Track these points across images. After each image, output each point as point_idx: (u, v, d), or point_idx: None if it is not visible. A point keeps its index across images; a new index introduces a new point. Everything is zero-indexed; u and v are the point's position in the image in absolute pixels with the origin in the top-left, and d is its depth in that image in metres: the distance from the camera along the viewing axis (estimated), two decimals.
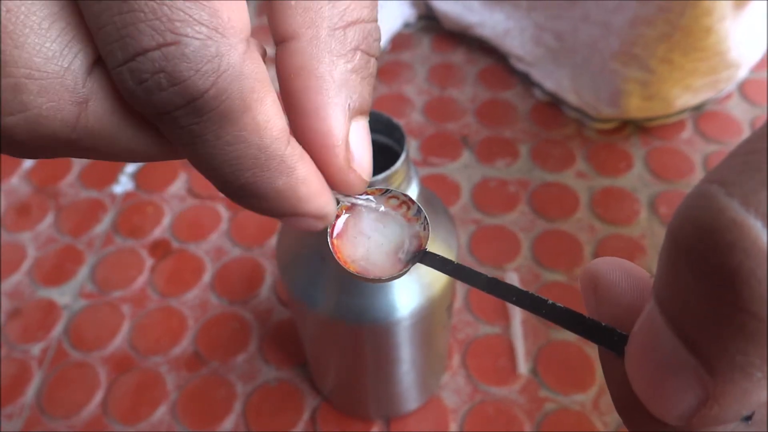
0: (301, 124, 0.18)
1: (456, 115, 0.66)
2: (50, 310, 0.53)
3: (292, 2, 0.17)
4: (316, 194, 0.19)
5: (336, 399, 0.46)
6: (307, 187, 0.18)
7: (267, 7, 0.18)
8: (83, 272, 0.55)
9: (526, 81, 0.68)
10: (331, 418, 0.46)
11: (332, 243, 0.21)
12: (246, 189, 0.18)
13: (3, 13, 0.15)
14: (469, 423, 0.46)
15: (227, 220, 0.58)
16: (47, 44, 0.15)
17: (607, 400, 0.46)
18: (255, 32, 0.18)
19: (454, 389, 0.47)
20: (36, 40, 0.15)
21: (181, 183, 0.61)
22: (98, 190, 0.62)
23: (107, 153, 0.17)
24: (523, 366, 0.48)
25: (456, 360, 0.49)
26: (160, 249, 0.57)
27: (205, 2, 0.14)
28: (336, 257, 0.21)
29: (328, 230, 0.21)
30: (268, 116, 0.16)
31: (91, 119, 0.16)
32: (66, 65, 0.15)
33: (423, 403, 0.46)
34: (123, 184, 0.62)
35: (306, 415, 0.47)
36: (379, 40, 0.19)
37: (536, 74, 0.66)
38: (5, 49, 0.15)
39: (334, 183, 0.19)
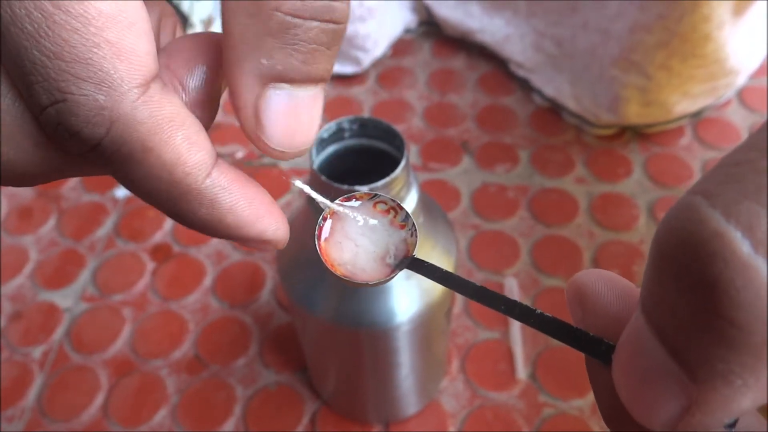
0: (226, 79, 0.18)
1: (456, 120, 0.66)
2: (52, 313, 0.53)
3: None
4: (250, 221, 0.19)
5: (335, 403, 0.47)
6: (235, 216, 0.18)
7: None
8: (85, 276, 0.56)
9: (526, 87, 0.68)
10: (331, 423, 0.47)
11: (320, 246, 0.21)
12: (175, 218, 0.18)
13: None
14: (468, 428, 0.46)
15: None
16: (5, 95, 0.16)
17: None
18: None
19: (453, 394, 0.48)
20: None
21: None
22: (100, 194, 0.62)
23: (73, 174, 0.19)
24: (521, 371, 0.48)
25: (455, 365, 0.49)
26: (161, 253, 0.57)
27: (87, 62, 0.15)
28: (323, 260, 0.21)
29: (316, 233, 0.21)
30: (177, 153, 0.17)
31: (51, 155, 0.18)
32: (20, 114, 0.17)
33: (422, 407, 0.47)
34: (124, 188, 0.62)
35: (305, 419, 0.47)
36: (323, 3, 0.17)
37: (536, 80, 0.66)
38: None
39: (252, 142, 0.19)
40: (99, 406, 0.48)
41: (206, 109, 0.19)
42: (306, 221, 0.34)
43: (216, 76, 0.19)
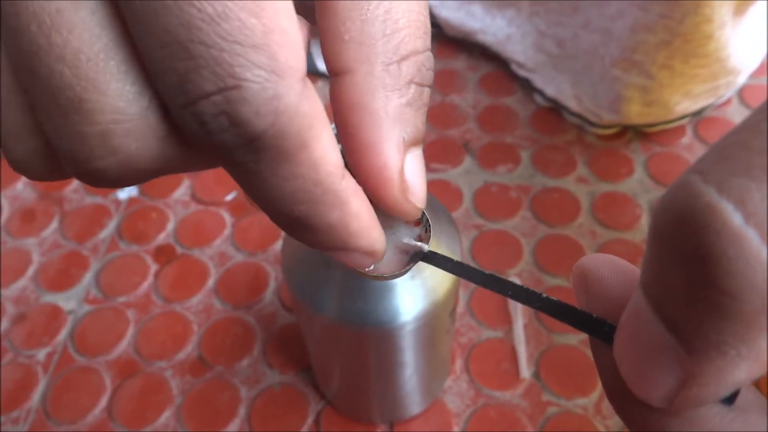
0: (356, 159, 0.18)
1: (457, 121, 0.67)
2: (55, 315, 0.54)
3: (346, 36, 0.17)
4: (368, 229, 0.19)
5: (340, 403, 0.47)
6: (358, 222, 0.18)
7: (321, 41, 0.18)
8: (88, 278, 0.56)
9: (528, 87, 0.68)
10: (335, 423, 0.47)
11: None
12: (299, 222, 0.18)
13: (84, 63, 0.15)
14: (472, 427, 0.46)
15: (231, 226, 0.58)
16: (127, 87, 0.16)
17: (608, 403, 0.46)
18: None
19: (457, 393, 0.48)
20: (118, 86, 0.16)
21: (185, 189, 0.62)
22: (102, 196, 0.62)
23: (182, 170, 0.19)
24: (525, 370, 0.48)
25: (459, 364, 0.49)
26: (164, 254, 0.57)
27: (263, 47, 0.15)
28: None
29: None
30: (324, 152, 0.17)
31: (171, 150, 0.17)
32: (146, 105, 0.16)
33: (426, 407, 0.47)
34: (127, 190, 0.62)
35: (310, 420, 0.47)
36: (432, 68, 0.19)
37: (537, 80, 0.66)
38: (91, 98, 0.15)
39: (390, 213, 0.19)
40: (103, 407, 0.48)
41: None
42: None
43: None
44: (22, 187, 0.63)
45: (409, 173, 0.19)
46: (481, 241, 0.56)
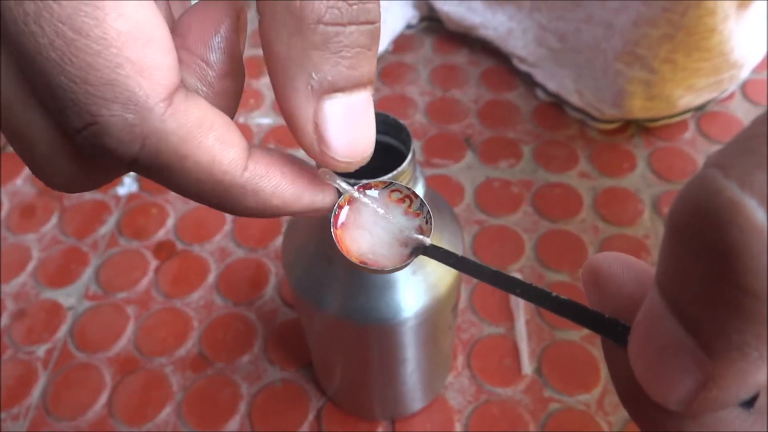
0: (278, 102, 0.18)
1: (459, 116, 0.66)
2: (55, 311, 0.53)
3: None
4: (293, 199, 0.19)
5: (341, 399, 0.46)
6: (279, 198, 0.19)
7: None
8: (88, 273, 0.56)
9: (529, 82, 0.68)
10: (337, 419, 0.46)
11: (335, 234, 0.21)
12: (227, 211, 0.19)
13: (15, 107, 0.17)
14: (473, 423, 0.46)
15: (231, 222, 0.58)
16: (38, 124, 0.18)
17: (611, 400, 0.46)
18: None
19: (459, 389, 0.47)
20: (44, 125, 0.18)
21: None
22: (102, 192, 0.62)
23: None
24: (527, 366, 0.48)
25: (460, 360, 0.49)
26: (164, 250, 0.57)
27: (114, 83, 0.16)
28: (339, 248, 0.21)
29: (331, 221, 0.21)
30: (211, 155, 0.17)
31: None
32: (58, 136, 0.18)
33: (428, 403, 0.47)
34: (127, 185, 0.62)
35: (311, 416, 0.47)
36: (357, 6, 0.17)
37: (539, 75, 0.66)
38: (25, 133, 0.18)
39: (316, 161, 0.19)
40: (103, 404, 0.48)
41: (235, 75, 0.19)
42: (312, 216, 0.34)
43: (234, 39, 0.19)
44: (21, 182, 0.63)
45: (324, 122, 0.18)
46: (482, 237, 0.56)
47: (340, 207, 0.22)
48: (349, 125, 0.18)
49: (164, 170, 0.17)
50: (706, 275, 0.12)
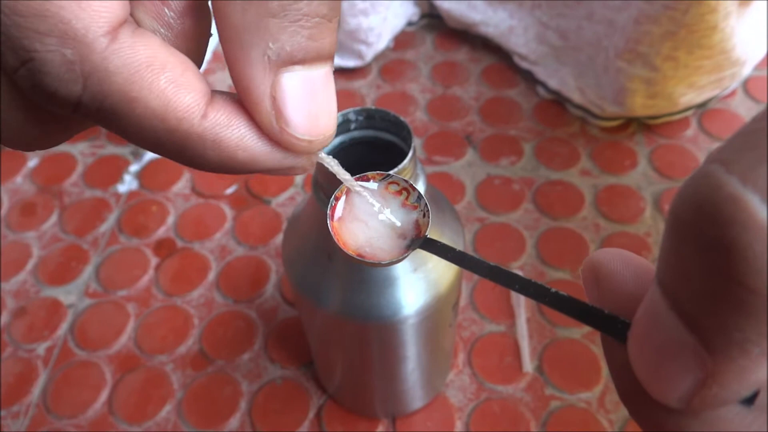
0: (232, 78, 0.17)
1: (460, 113, 0.66)
2: (55, 309, 0.53)
3: None
4: (263, 154, 0.17)
5: (342, 397, 0.46)
6: (245, 151, 0.17)
7: None
8: (88, 271, 0.55)
9: (530, 79, 0.68)
10: (337, 417, 0.46)
11: (332, 226, 0.21)
12: (184, 162, 0.17)
13: None
14: (474, 421, 0.46)
15: (231, 219, 0.58)
16: None
17: (612, 398, 0.46)
18: None
19: (460, 387, 0.47)
20: None
21: (185, 182, 0.61)
22: (102, 190, 0.62)
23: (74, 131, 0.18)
24: (528, 364, 0.48)
25: (461, 358, 0.49)
26: (164, 248, 0.57)
27: (48, 13, 0.14)
28: (335, 240, 0.21)
29: (328, 213, 0.21)
30: (164, 99, 0.16)
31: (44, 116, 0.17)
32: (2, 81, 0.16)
33: (428, 401, 0.46)
34: (127, 183, 0.62)
35: (311, 414, 0.47)
36: None
37: (540, 72, 0.66)
38: None
39: (273, 142, 0.17)
40: (104, 402, 0.48)
41: (197, 14, 0.17)
42: (312, 214, 0.33)
43: None
44: (21, 180, 0.63)
45: (283, 97, 0.16)
46: (483, 235, 0.56)
47: (337, 198, 0.21)
48: (309, 100, 0.17)
49: (113, 116, 0.15)
50: (707, 272, 0.12)
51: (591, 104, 0.62)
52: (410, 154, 0.29)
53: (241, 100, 0.17)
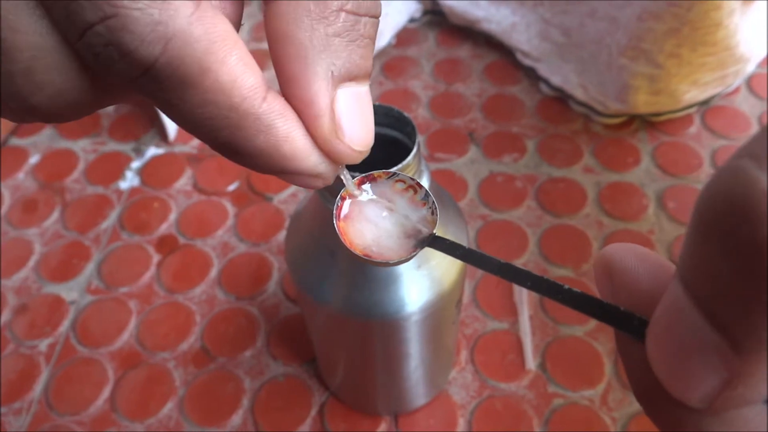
0: (286, 93, 0.18)
1: (462, 110, 0.66)
2: (57, 305, 0.53)
3: None
4: (304, 152, 0.18)
5: (344, 395, 0.46)
6: (291, 145, 0.18)
7: None
8: (90, 268, 0.55)
9: (533, 76, 0.68)
10: (339, 414, 0.46)
11: (338, 226, 0.21)
12: (227, 147, 0.17)
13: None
14: (477, 419, 0.46)
15: (233, 216, 0.58)
16: (38, 23, 0.15)
17: (615, 395, 0.46)
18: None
19: (462, 385, 0.47)
20: (29, 21, 0.15)
21: (187, 179, 0.61)
22: (104, 186, 0.62)
23: (114, 101, 0.18)
24: (531, 361, 0.48)
25: (464, 356, 0.48)
26: (166, 245, 0.57)
27: None
28: (342, 240, 0.21)
29: (334, 212, 0.21)
30: (234, 75, 0.16)
31: (92, 81, 0.17)
32: (60, 38, 0.16)
33: (431, 398, 0.46)
34: (129, 180, 0.62)
35: (314, 411, 0.47)
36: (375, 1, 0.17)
37: (543, 69, 0.66)
38: (7, 36, 0.15)
39: (324, 153, 0.18)
40: (106, 398, 0.48)
41: (235, 22, 0.18)
42: (315, 210, 0.33)
43: None
44: (23, 176, 0.63)
45: (342, 111, 0.18)
46: (486, 232, 0.56)
47: (343, 199, 0.21)
48: (362, 114, 0.18)
49: (180, 86, 0.16)
50: (738, 270, 0.11)
51: (594, 101, 0.62)
52: (414, 150, 0.29)
53: (297, 108, 0.18)
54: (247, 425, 0.46)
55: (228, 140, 0.17)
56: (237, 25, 0.19)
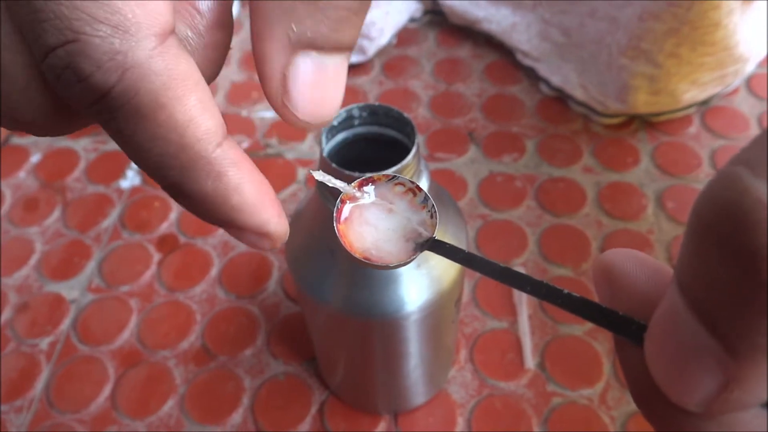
0: (253, 52, 0.17)
1: (462, 110, 0.66)
2: (58, 304, 0.53)
3: None
4: (255, 207, 0.18)
5: (344, 393, 0.46)
6: (240, 197, 0.17)
7: None
8: (91, 267, 0.56)
9: (533, 76, 0.68)
10: (339, 413, 0.46)
11: (338, 229, 0.21)
12: (175, 188, 0.17)
13: None
14: (476, 417, 0.46)
15: None
16: (10, 38, 0.16)
17: (614, 394, 0.46)
18: None
19: (462, 384, 0.47)
20: (7, 56, 0.16)
21: None
22: (105, 185, 0.62)
23: (76, 127, 0.19)
24: (530, 360, 0.48)
25: (463, 354, 0.49)
26: (167, 244, 0.57)
27: (105, 2, 0.14)
28: (342, 243, 0.21)
29: (334, 215, 0.21)
30: (190, 115, 0.16)
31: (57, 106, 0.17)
32: (24, 59, 0.16)
33: (430, 397, 0.47)
34: (130, 178, 0.62)
35: (314, 410, 0.47)
36: None
37: (543, 69, 0.66)
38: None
39: (281, 117, 0.18)
40: (107, 397, 0.48)
41: (224, 27, 0.18)
42: (316, 210, 0.33)
43: None
44: (24, 175, 0.63)
45: (293, 77, 0.17)
46: (486, 231, 0.56)
47: (343, 202, 0.21)
48: (317, 86, 0.17)
49: (133, 117, 0.16)
50: (732, 276, 0.11)
51: (594, 101, 0.62)
52: (413, 151, 0.30)
53: (257, 70, 0.17)
54: (248, 424, 0.46)
55: (176, 181, 0.17)
56: (219, 61, 0.19)
